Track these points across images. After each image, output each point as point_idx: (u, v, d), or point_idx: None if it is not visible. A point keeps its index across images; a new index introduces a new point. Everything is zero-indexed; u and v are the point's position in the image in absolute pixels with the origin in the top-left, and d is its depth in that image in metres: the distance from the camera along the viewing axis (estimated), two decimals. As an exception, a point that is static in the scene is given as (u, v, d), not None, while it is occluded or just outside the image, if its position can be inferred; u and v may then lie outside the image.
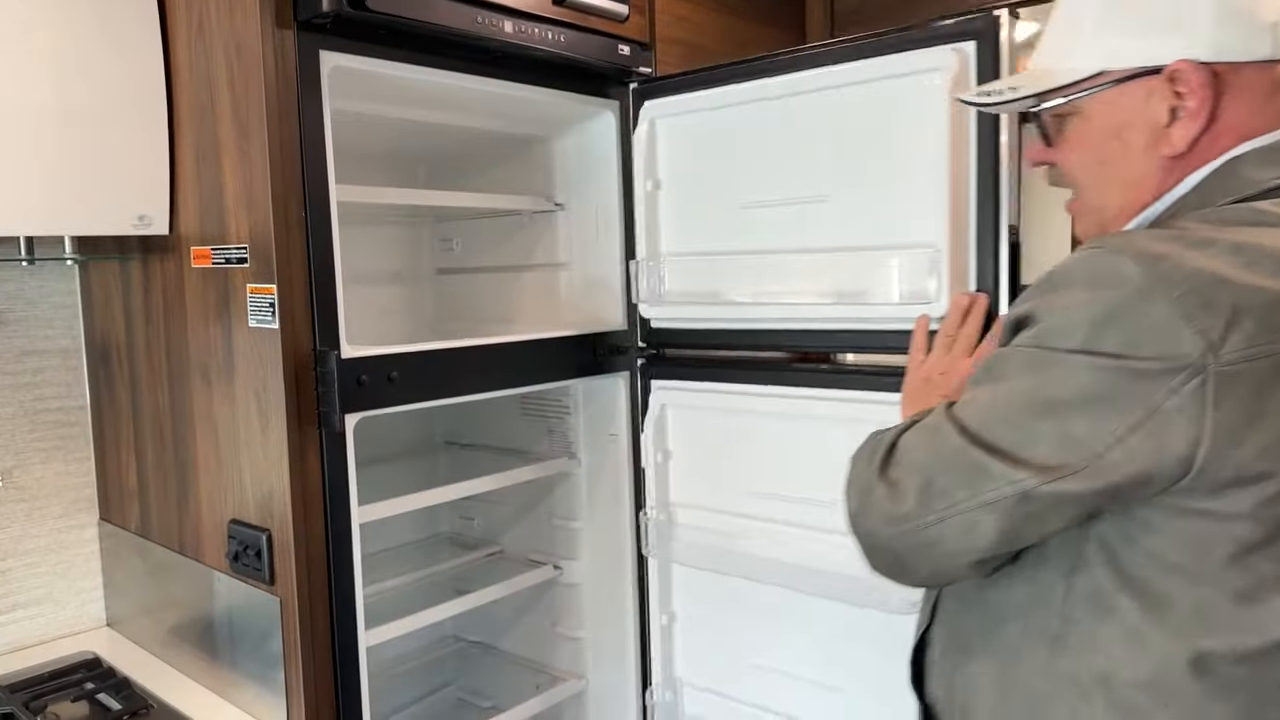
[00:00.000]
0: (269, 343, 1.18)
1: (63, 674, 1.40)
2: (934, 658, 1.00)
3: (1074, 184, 0.94)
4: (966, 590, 0.94)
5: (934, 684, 0.99)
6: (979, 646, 0.92)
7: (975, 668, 0.92)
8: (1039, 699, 0.86)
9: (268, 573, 1.23)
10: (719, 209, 1.46)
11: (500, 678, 1.92)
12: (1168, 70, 0.83)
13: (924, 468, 0.83)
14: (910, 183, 1.26)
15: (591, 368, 1.57)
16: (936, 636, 0.99)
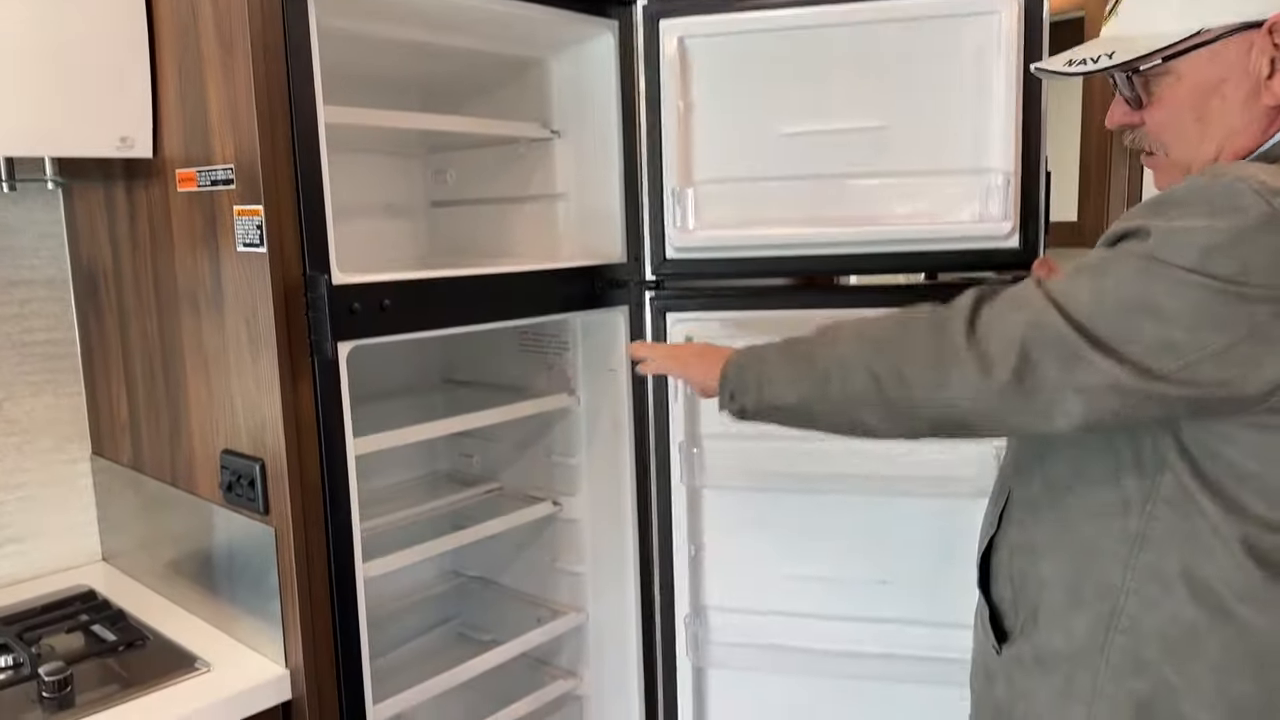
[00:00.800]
0: (257, 267, 1.15)
1: (57, 607, 1.39)
2: (1000, 561, 1.06)
3: (1161, 142, 0.96)
4: (1037, 497, 1.00)
5: (1000, 585, 1.06)
6: (1051, 548, 0.97)
7: (1047, 570, 0.97)
8: (1116, 593, 0.91)
9: (262, 503, 1.21)
10: (757, 134, 1.44)
11: (501, 612, 1.92)
12: (1269, 23, 0.86)
13: (1021, 342, 0.85)
14: (974, 114, 1.37)
15: (590, 301, 1.54)
16: (1004, 541, 1.05)
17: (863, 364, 0.95)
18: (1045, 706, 0.99)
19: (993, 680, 1.07)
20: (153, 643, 1.30)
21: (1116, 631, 0.91)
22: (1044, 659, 0.98)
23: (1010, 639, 1.04)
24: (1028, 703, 1.01)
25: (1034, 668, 0.99)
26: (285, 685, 1.22)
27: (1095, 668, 0.93)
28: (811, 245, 1.45)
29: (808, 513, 1.56)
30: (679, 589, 1.59)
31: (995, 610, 1.07)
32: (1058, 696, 0.97)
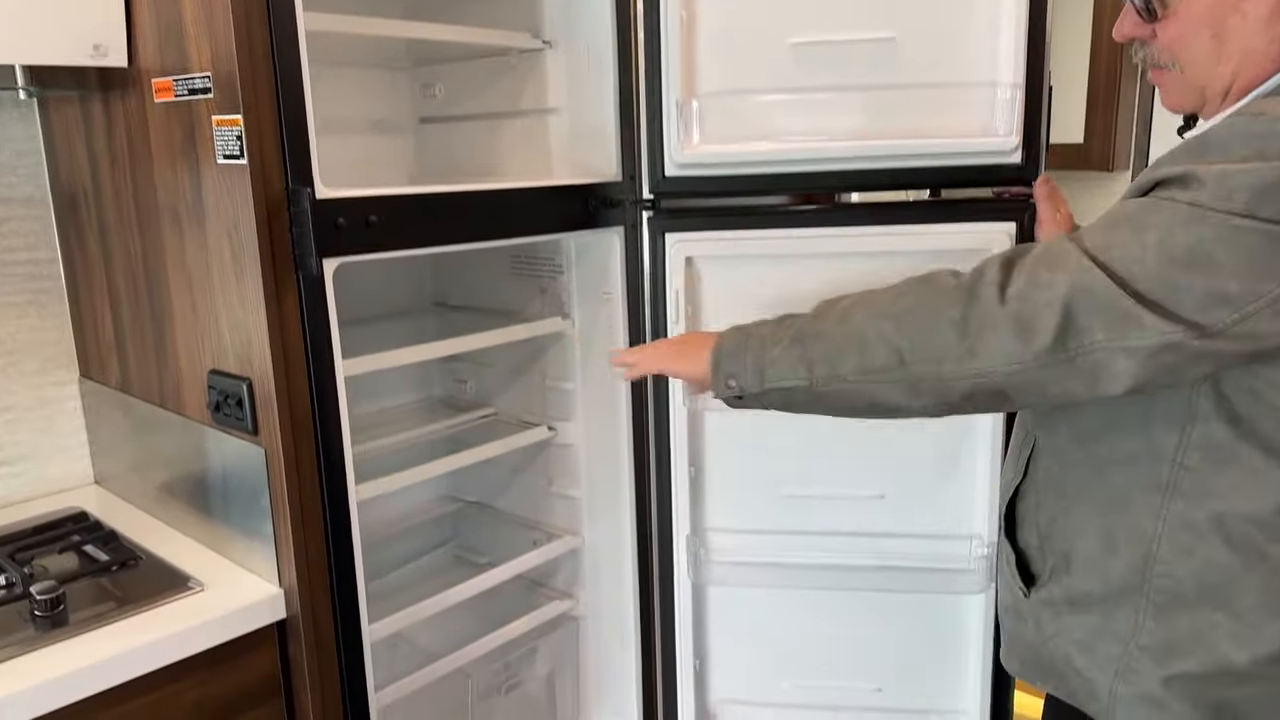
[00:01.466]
0: (238, 179, 1.11)
1: (49, 528, 1.39)
2: (1027, 509, 1.05)
3: (1174, 58, 0.92)
4: (1064, 446, 0.99)
5: (1026, 533, 1.06)
6: (1081, 497, 0.97)
7: (1077, 517, 0.97)
8: (1149, 540, 0.91)
9: (250, 423, 1.20)
10: (764, 45, 1.39)
11: (497, 535, 1.93)
12: None
13: (1064, 304, 0.81)
14: (982, 25, 1.34)
15: (583, 221, 1.50)
16: (1030, 489, 1.05)
17: (880, 337, 0.90)
18: (1075, 646, 0.99)
19: (1022, 620, 1.07)
20: (145, 563, 1.30)
21: (1153, 575, 0.91)
22: (1077, 602, 0.98)
23: (1038, 583, 1.04)
24: (1056, 643, 1.02)
25: (1065, 609, 1.00)
26: (280, 604, 1.22)
27: (1135, 606, 0.93)
28: (816, 160, 1.41)
29: (807, 432, 1.55)
30: (678, 510, 1.59)
31: (1021, 555, 1.06)
32: (1092, 635, 0.98)
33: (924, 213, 1.44)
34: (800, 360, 0.96)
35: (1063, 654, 1.01)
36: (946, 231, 1.42)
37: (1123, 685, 0.95)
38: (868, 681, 1.64)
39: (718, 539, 1.63)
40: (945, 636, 1.59)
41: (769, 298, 1.50)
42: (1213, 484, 0.86)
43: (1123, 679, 0.95)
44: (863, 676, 1.64)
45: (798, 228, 1.46)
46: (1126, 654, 0.94)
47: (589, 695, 1.84)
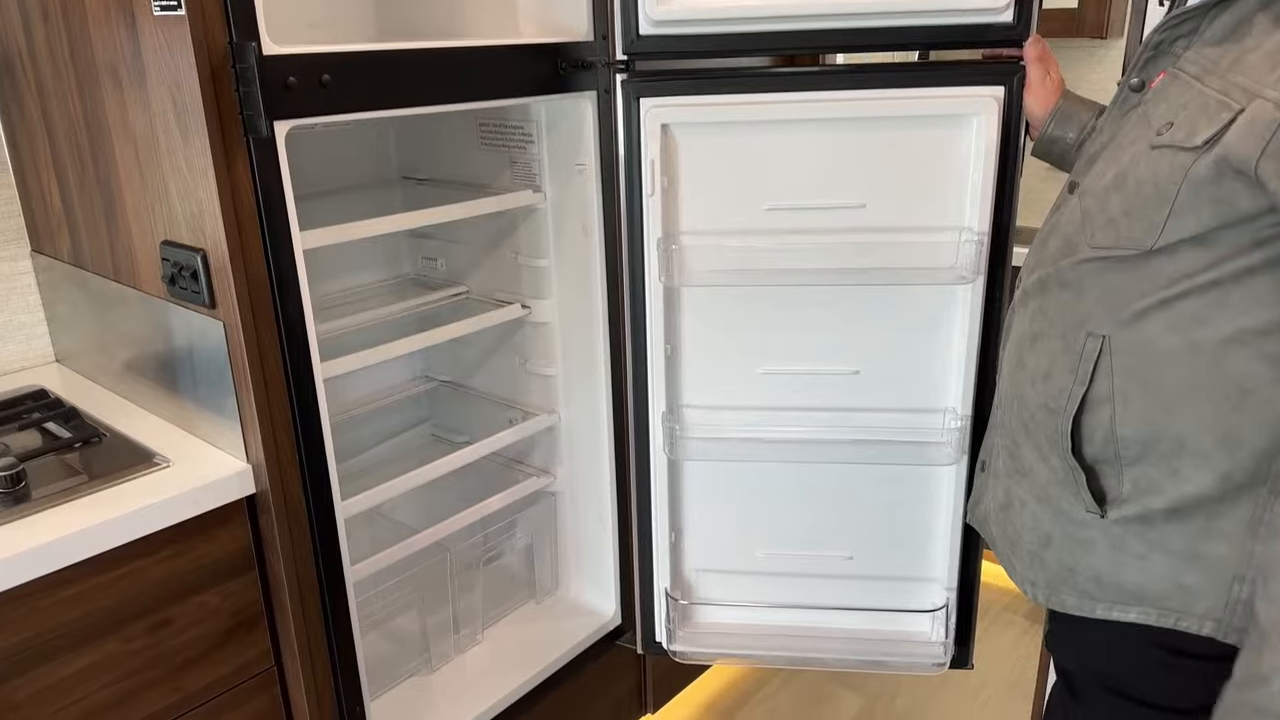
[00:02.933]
0: (177, 33, 1.03)
1: (7, 405, 1.36)
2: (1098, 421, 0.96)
3: None
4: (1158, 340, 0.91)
5: (1097, 446, 0.97)
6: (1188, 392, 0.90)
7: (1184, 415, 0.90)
8: None
9: (207, 296, 1.15)
10: None
11: (473, 414, 1.92)
12: None
13: None
14: None
15: (553, 84, 1.42)
16: (1101, 398, 0.95)
17: None
18: (1182, 558, 0.93)
19: (1086, 547, 0.99)
20: (109, 439, 1.28)
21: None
22: (1181, 510, 0.92)
23: (1114, 499, 0.97)
24: (1151, 560, 0.95)
25: (1163, 521, 0.93)
26: (249, 479, 1.21)
27: (1254, 500, 0.88)
28: (799, 17, 1.34)
29: (784, 309, 1.54)
30: (654, 387, 1.58)
31: (1090, 472, 0.98)
32: (1194, 541, 0.92)
33: (910, 76, 1.37)
34: None
35: (1160, 573, 0.94)
36: (933, 95, 1.36)
37: (1246, 587, 0.89)
38: (839, 550, 1.67)
39: (694, 415, 1.62)
40: (916, 507, 1.61)
41: (749, 167, 1.46)
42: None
43: (1246, 581, 0.89)
44: (834, 545, 1.66)
45: (780, 91, 1.39)
46: (1245, 552, 0.89)
47: (567, 566, 1.87)
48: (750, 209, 1.48)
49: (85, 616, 1.09)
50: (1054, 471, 1.01)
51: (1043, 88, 1.29)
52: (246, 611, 1.25)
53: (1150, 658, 0.97)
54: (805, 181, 1.45)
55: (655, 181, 1.44)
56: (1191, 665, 0.94)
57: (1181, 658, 0.94)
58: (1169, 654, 0.95)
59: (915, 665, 1.67)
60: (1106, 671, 1.02)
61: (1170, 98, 0.89)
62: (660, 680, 1.94)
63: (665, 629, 1.69)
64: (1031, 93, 1.30)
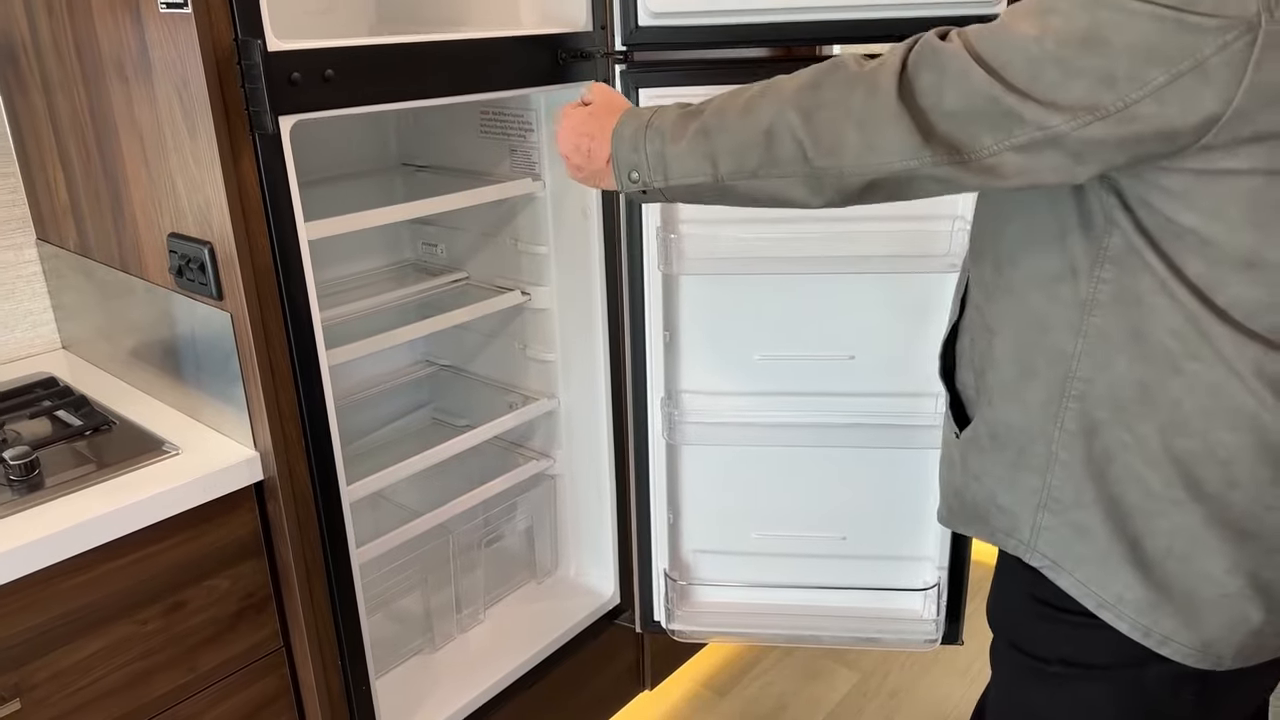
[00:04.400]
0: (183, 30, 1.04)
1: (18, 394, 1.38)
2: (964, 347, 1.05)
3: None
4: (987, 275, 0.98)
5: (963, 372, 1.06)
6: (1002, 325, 0.96)
7: (999, 346, 0.97)
8: (1068, 359, 0.90)
9: (214, 287, 1.17)
10: None
11: (473, 398, 1.95)
12: None
13: (952, 108, 0.82)
14: None
15: (553, 75, 1.44)
16: (965, 327, 1.04)
17: (786, 131, 0.89)
18: (998, 482, 1.00)
19: (952, 466, 1.08)
20: (119, 427, 1.30)
21: (1069, 399, 0.91)
22: (998, 435, 0.99)
23: (966, 424, 1.05)
24: (980, 482, 1.03)
25: (989, 445, 1.00)
26: (256, 466, 1.24)
27: (1049, 436, 0.94)
28: (797, 9, 1.35)
29: (780, 296, 1.57)
30: (653, 373, 1.61)
31: (958, 397, 1.07)
32: (1010, 469, 0.99)
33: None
34: (705, 156, 0.95)
35: (987, 493, 1.02)
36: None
37: (1046, 515, 0.96)
38: (833, 530, 1.71)
39: (691, 400, 1.65)
40: (908, 488, 1.65)
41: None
42: (1131, 295, 0.86)
43: (1045, 509, 0.96)
44: (829, 526, 1.70)
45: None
46: (1045, 485, 0.95)
47: (567, 547, 1.91)
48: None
49: (101, 600, 1.12)
50: (943, 394, 1.11)
51: None
52: (256, 594, 1.28)
53: (1026, 607, 1.03)
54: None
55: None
56: (1055, 616, 0.99)
57: (1047, 608, 1.00)
58: (1038, 603, 1.00)
59: (907, 642, 1.71)
60: (1002, 621, 1.09)
61: None
62: (658, 657, 1.98)
63: (664, 608, 1.73)
64: None
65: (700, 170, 0.95)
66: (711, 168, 0.95)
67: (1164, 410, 0.86)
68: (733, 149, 0.93)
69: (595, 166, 1.07)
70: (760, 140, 0.91)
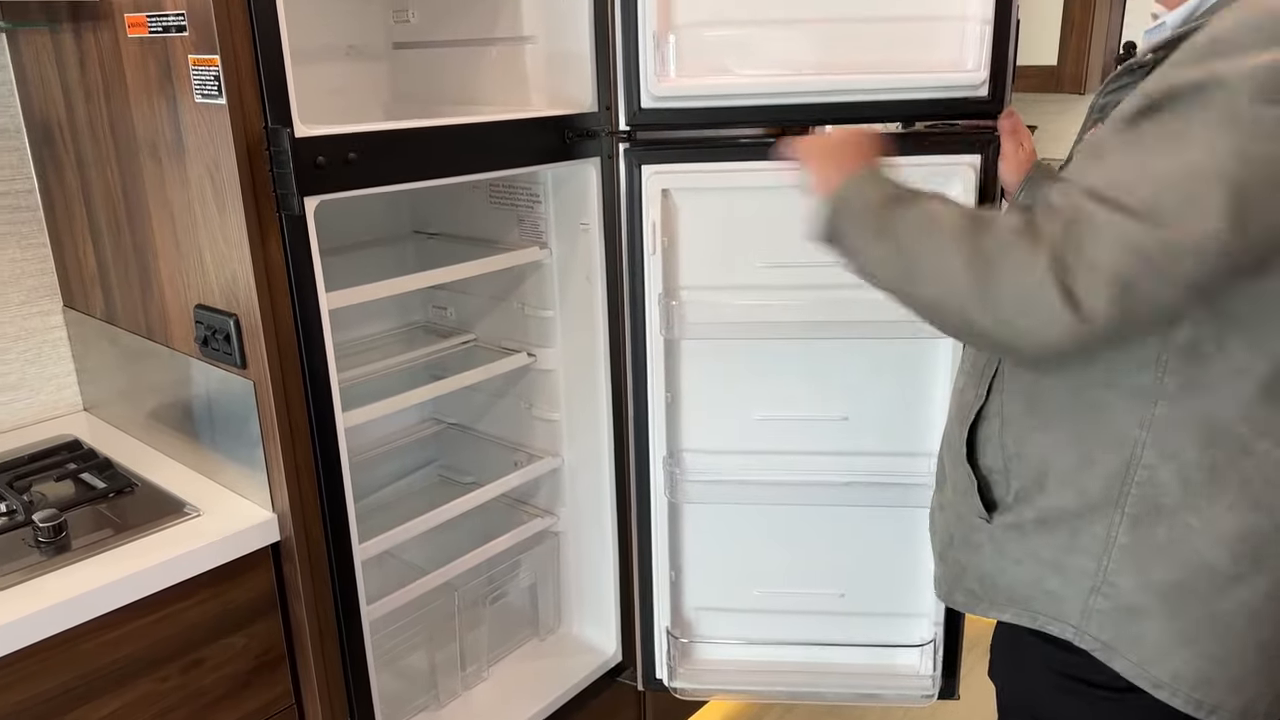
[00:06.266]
0: (217, 119, 1.12)
1: (43, 456, 1.43)
2: (990, 432, 1.05)
3: None
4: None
5: (989, 456, 1.06)
6: (1057, 413, 0.96)
7: (1053, 433, 0.98)
8: (1133, 446, 0.92)
9: (239, 357, 1.23)
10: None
11: (479, 456, 1.99)
12: None
13: (1119, 273, 0.79)
14: None
15: (560, 152, 1.52)
16: (993, 412, 1.05)
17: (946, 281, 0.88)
18: (1044, 566, 1.00)
19: (976, 549, 1.08)
20: (141, 489, 1.35)
21: (1133, 484, 0.93)
22: (1047, 520, 0.99)
23: (1001, 507, 1.05)
24: (1022, 566, 1.03)
25: (1034, 530, 1.01)
26: (273, 528, 1.28)
27: (1109, 520, 0.95)
28: (789, 94, 1.44)
29: (779, 359, 1.62)
30: (654, 433, 1.66)
31: (984, 481, 1.07)
32: (1059, 553, 0.99)
33: (893, 144, 1.46)
34: (881, 261, 0.97)
35: (1030, 577, 1.02)
36: (914, 163, 1.45)
37: (1099, 599, 0.97)
38: (832, 587, 1.74)
39: (693, 460, 1.70)
40: (903, 545, 1.68)
41: (744, 229, 1.55)
42: (1200, 382, 0.86)
43: (1099, 593, 0.96)
44: (827, 583, 1.74)
45: (773, 160, 1.48)
46: (1101, 569, 0.96)
47: (570, 605, 1.94)
48: (745, 266, 1.57)
49: (124, 658, 1.16)
50: (959, 478, 1.10)
51: (1015, 158, 1.38)
52: (270, 652, 1.32)
53: (1050, 682, 1.04)
54: (797, 242, 1.52)
55: (656, 241, 1.53)
56: (1085, 691, 1.01)
57: (1076, 683, 1.01)
58: (1066, 679, 1.02)
59: (906, 698, 1.74)
60: (1022, 695, 1.10)
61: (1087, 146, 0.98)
62: (660, 715, 2.00)
63: (666, 666, 1.76)
64: (1006, 162, 1.39)
65: (876, 272, 0.98)
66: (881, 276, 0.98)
67: (1232, 490, 0.89)
68: (898, 268, 0.95)
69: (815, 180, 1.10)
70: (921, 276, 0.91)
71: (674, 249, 1.57)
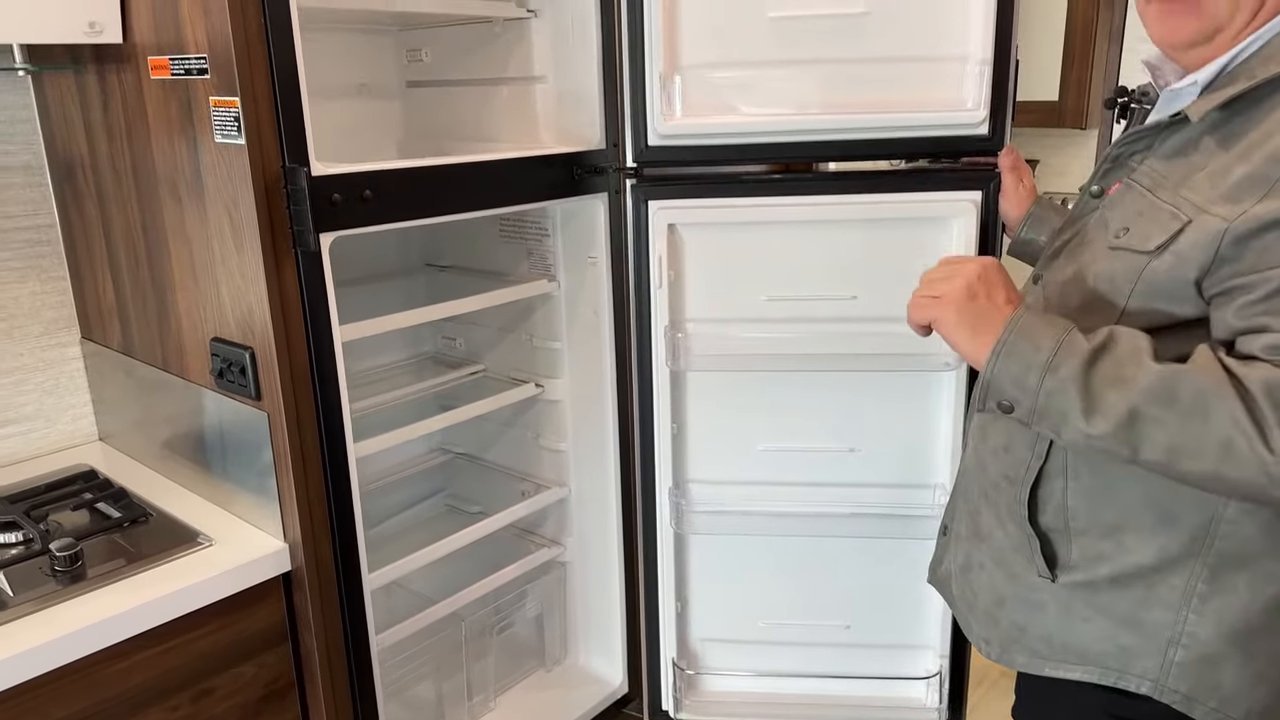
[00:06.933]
0: (237, 159, 1.15)
1: (60, 485, 1.45)
2: (1051, 492, 1.04)
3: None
4: None
5: (1049, 516, 1.04)
6: (1129, 471, 0.94)
7: (1125, 493, 0.97)
8: (1213, 502, 0.93)
9: (254, 389, 1.26)
10: (744, 18, 1.44)
11: (487, 486, 2.01)
12: None
13: None
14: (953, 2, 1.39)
15: (569, 188, 1.55)
16: (1055, 472, 1.03)
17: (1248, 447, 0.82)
18: (1118, 621, 1.00)
19: (1038, 609, 1.06)
20: (155, 519, 1.37)
21: (1216, 539, 0.94)
22: (1121, 577, 0.99)
23: (1065, 566, 1.03)
24: (1091, 624, 1.02)
25: (1108, 587, 1.00)
26: (285, 558, 1.30)
27: (1188, 572, 0.96)
28: (793, 131, 1.47)
29: (784, 391, 1.64)
30: (661, 463, 1.68)
31: (1044, 538, 1.05)
32: (1135, 607, 0.99)
33: (895, 181, 1.50)
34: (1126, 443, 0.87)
35: (1102, 634, 1.01)
36: (917, 200, 1.48)
37: (1179, 651, 0.97)
38: (837, 619, 1.75)
39: (698, 490, 1.72)
40: (909, 577, 1.69)
41: (748, 262, 1.57)
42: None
43: (1179, 645, 0.97)
44: (832, 614, 1.74)
45: (776, 196, 1.52)
46: (1180, 620, 0.96)
47: (576, 635, 1.95)
48: (750, 299, 1.59)
49: (136, 687, 1.17)
50: (1010, 537, 1.08)
51: (1016, 194, 1.41)
52: (279, 681, 1.33)
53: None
54: (801, 275, 1.56)
55: (662, 275, 1.56)
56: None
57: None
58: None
59: (912, 731, 1.74)
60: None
61: (1125, 205, 0.98)
62: (666, 746, 2.00)
63: (672, 697, 1.76)
64: (1006, 198, 1.42)
65: (1115, 451, 0.89)
66: (1130, 453, 0.88)
67: None
68: (1106, 443, 0.88)
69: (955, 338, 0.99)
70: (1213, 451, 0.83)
71: (680, 282, 1.59)
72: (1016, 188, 1.41)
